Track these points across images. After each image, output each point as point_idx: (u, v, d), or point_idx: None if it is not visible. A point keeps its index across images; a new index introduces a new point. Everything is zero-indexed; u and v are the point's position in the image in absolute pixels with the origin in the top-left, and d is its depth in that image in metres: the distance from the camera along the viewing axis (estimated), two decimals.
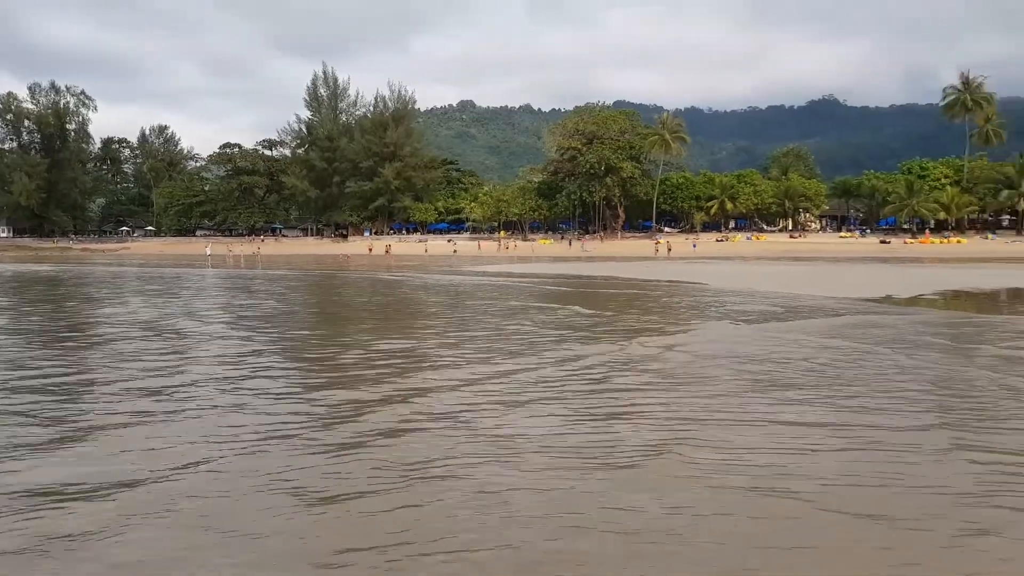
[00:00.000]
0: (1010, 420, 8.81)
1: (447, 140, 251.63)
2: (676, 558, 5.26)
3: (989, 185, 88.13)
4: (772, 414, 9.05)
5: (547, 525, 5.78)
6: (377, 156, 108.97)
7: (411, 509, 6.12)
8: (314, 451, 7.71)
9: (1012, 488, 6.47)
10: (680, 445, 7.80)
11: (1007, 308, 24.82)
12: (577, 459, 7.36)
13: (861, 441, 7.93)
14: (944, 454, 7.51)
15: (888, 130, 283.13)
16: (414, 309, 24.72)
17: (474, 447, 7.80)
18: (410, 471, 7.03)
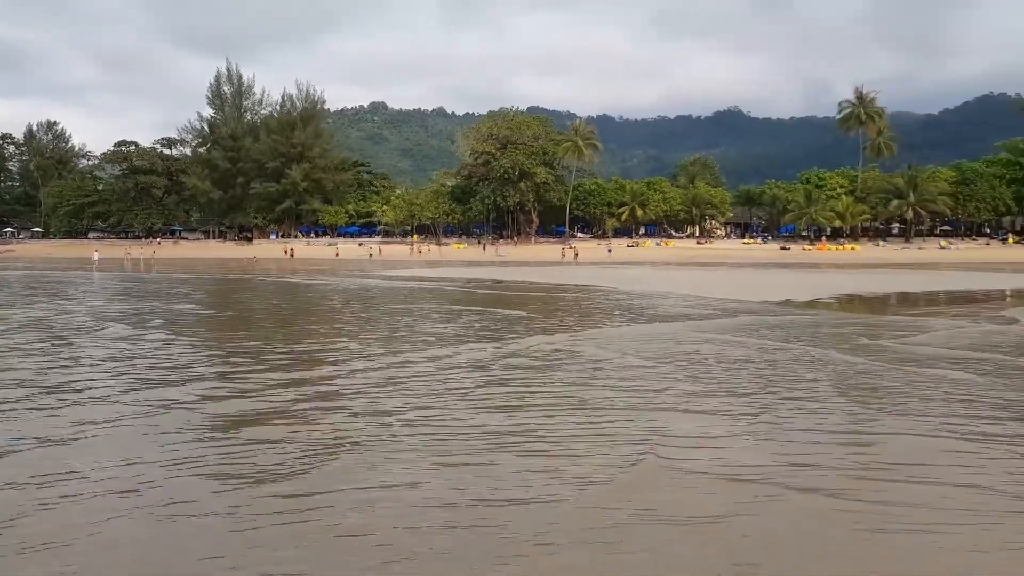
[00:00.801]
0: (899, 398, 10.18)
1: (358, 142, 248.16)
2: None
3: (881, 195, 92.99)
4: (680, 403, 9.42)
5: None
6: (284, 157, 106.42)
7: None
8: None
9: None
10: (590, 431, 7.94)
11: (894, 310, 26.18)
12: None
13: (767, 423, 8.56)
14: (836, 435, 8.01)
15: (788, 141, 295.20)
16: (317, 314, 24.23)
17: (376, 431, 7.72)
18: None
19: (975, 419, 9.02)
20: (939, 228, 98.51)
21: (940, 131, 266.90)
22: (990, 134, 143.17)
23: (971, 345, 15.29)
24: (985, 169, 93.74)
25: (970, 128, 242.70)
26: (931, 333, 17.47)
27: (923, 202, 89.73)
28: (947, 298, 30.19)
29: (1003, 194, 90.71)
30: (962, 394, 10.43)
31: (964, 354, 14.04)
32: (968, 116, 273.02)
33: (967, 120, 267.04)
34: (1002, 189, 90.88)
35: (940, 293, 32.32)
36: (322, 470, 7.10)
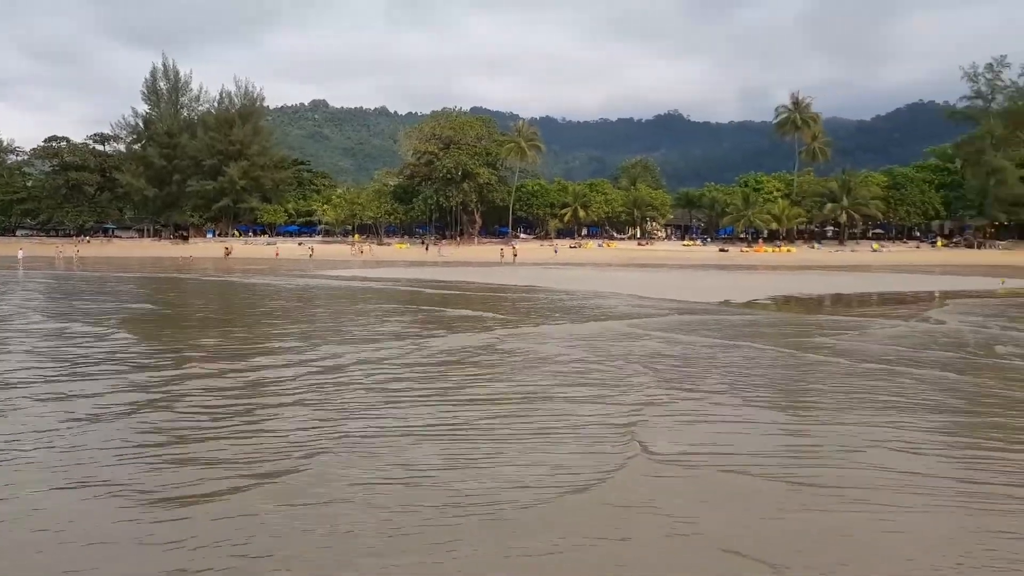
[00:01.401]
0: (830, 392, 10.70)
1: (299, 140, 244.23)
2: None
3: (815, 198, 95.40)
4: (617, 394, 9.24)
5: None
6: (222, 154, 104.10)
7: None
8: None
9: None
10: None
11: (828, 310, 26.68)
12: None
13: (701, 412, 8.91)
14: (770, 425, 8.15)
15: (727, 144, 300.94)
16: (251, 314, 23.52)
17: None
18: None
19: (903, 409, 9.53)
20: (871, 231, 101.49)
21: (873, 137, 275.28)
22: (920, 140, 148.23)
23: (899, 343, 15.62)
24: (915, 174, 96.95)
25: (901, 134, 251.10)
26: (862, 331, 17.83)
27: (856, 206, 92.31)
28: (878, 299, 30.93)
29: (932, 199, 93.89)
30: (891, 387, 10.95)
31: (894, 350, 14.30)
32: (899, 123, 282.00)
33: (898, 126, 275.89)
34: (931, 194, 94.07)
35: (872, 294, 33.09)
36: (267, 487, 6.70)
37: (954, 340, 16.68)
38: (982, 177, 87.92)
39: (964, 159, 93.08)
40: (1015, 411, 9.66)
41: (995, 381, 11.76)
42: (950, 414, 9.59)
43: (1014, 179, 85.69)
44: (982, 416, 9.50)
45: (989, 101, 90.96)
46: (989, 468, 7.28)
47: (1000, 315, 23.20)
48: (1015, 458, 7.64)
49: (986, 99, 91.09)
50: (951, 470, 7.27)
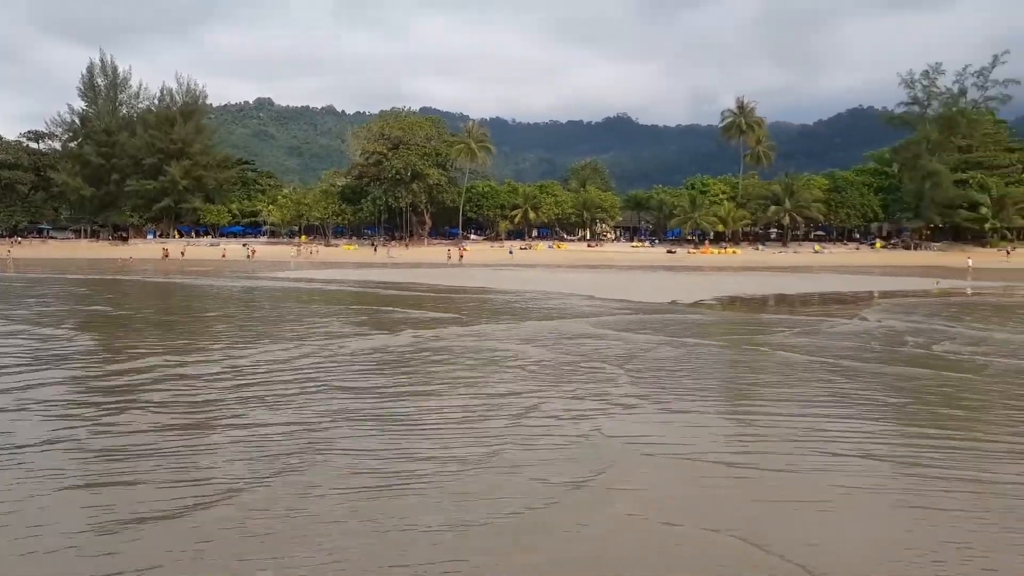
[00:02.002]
0: (773, 385, 10.88)
1: (243, 139, 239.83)
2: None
3: (760, 201, 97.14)
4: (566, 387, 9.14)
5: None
6: (163, 153, 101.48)
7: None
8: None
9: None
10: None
11: (771, 309, 27.12)
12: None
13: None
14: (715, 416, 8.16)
15: (674, 147, 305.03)
16: (186, 316, 22.92)
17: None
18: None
19: (843, 400, 10.03)
20: (813, 233, 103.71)
21: (815, 141, 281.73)
22: (860, 145, 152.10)
23: (839, 339, 15.93)
24: (855, 178, 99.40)
25: (842, 139, 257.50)
26: (803, 329, 18.14)
27: (799, 208, 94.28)
28: (820, 299, 31.56)
29: (871, 201, 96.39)
30: (830, 380, 11.44)
31: (833, 346, 14.56)
32: (840, 127, 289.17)
33: (839, 131, 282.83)
34: (870, 197, 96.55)
35: (814, 295, 33.77)
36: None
37: (890, 337, 17.08)
38: (918, 181, 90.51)
39: (901, 163, 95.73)
40: (950, 404, 9.90)
41: (930, 374, 12.06)
42: (891, 408, 9.78)
43: (948, 183, 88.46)
44: (918, 407, 9.72)
45: (925, 107, 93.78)
46: (921, 449, 8.01)
47: (936, 314, 23.84)
48: (946, 442, 8.17)
49: (922, 105, 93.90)
50: (887, 452, 7.94)
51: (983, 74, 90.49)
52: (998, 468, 7.45)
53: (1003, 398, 10.64)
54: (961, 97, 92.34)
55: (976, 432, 8.77)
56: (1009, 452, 8.00)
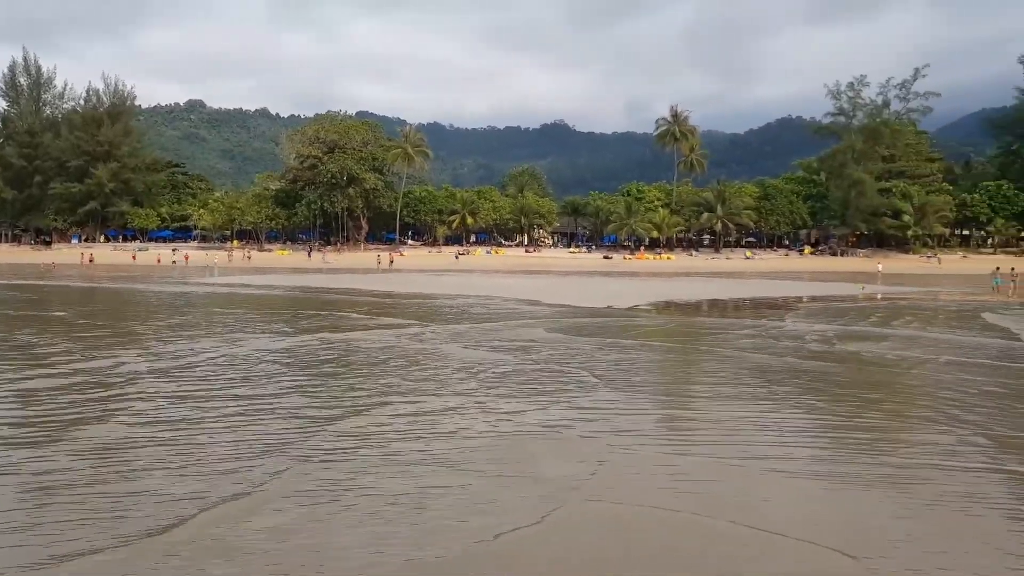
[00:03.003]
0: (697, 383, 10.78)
1: (173, 141, 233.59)
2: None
3: (693, 208, 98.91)
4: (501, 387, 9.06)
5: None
6: (89, 155, 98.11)
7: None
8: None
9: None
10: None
11: (702, 313, 27.58)
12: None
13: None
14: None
15: (611, 154, 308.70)
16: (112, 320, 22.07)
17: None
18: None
19: (769, 397, 10.00)
20: (745, 240, 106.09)
21: (745, 149, 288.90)
22: (789, 153, 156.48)
23: (766, 342, 16.28)
24: (784, 185, 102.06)
25: (772, 147, 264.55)
26: (732, 332, 18.45)
27: (730, 215, 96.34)
28: (750, 304, 32.22)
29: (800, 209, 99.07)
30: (757, 378, 11.56)
31: (761, 348, 14.86)
32: (770, 136, 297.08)
33: (769, 140, 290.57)
34: (799, 204, 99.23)
35: (745, 300, 34.48)
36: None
37: (816, 339, 17.50)
38: (844, 189, 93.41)
39: (828, 172, 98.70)
40: (866, 399, 10.15)
41: (851, 374, 12.39)
42: (808, 408, 9.96)
43: (872, 191, 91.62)
44: (838, 402, 9.94)
45: (851, 118, 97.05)
46: (831, 436, 8.62)
47: (863, 319, 24.56)
48: (856, 433, 8.17)
49: (848, 116, 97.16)
50: (802, 439, 8.53)
51: (905, 86, 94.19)
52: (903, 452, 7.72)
53: (917, 388, 11.00)
54: (885, 108, 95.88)
55: (896, 417, 9.05)
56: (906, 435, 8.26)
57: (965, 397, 11.03)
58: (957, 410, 10.10)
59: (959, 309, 29.24)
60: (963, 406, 10.39)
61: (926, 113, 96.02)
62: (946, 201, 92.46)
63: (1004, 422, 9.48)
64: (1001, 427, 9.23)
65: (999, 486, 7.01)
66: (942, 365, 14.44)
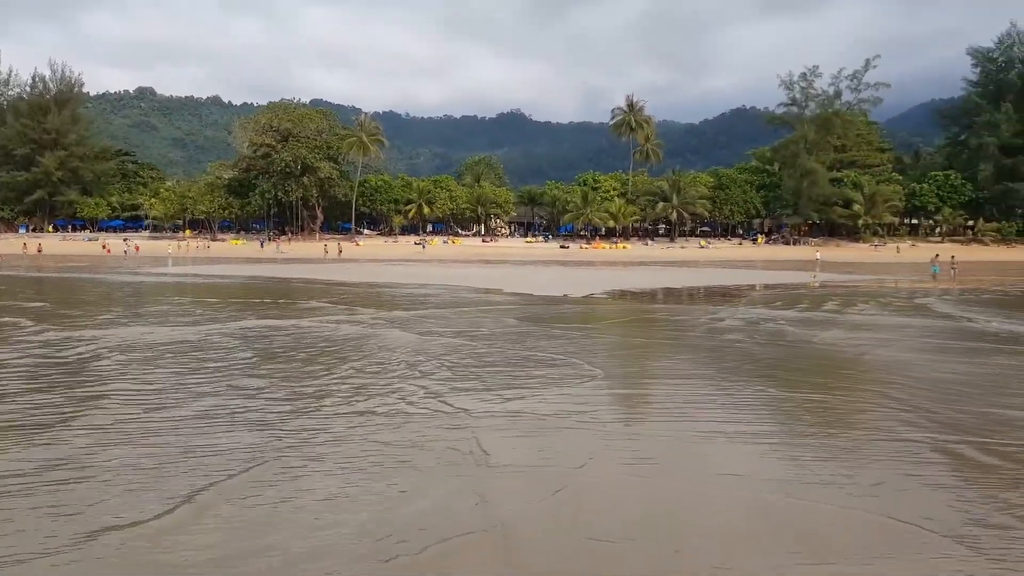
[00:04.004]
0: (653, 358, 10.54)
1: (123, 130, 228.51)
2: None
3: (649, 197, 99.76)
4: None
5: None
6: (35, 143, 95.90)
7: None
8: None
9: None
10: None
11: (657, 301, 27.83)
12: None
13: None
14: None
15: (567, 144, 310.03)
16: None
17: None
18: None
19: (724, 380, 10.07)
20: (700, 229, 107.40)
21: (700, 139, 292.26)
22: (743, 143, 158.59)
23: (721, 328, 16.51)
24: (738, 175, 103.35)
25: (726, 137, 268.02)
26: (687, 318, 18.68)
27: (685, 205, 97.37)
28: (704, 292, 32.62)
29: (753, 198, 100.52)
30: (712, 362, 11.63)
31: (716, 333, 15.05)
32: (724, 127, 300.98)
33: (723, 130, 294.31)
34: (752, 194, 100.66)
35: (699, 288, 34.87)
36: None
37: (768, 323, 17.78)
38: (797, 179, 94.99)
39: (781, 162, 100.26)
40: (814, 381, 10.34)
41: (807, 359, 12.62)
42: (757, 390, 10.10)
43: (824, 181, 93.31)
44: (788, 384, 10.10)
45: (803, 108, 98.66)
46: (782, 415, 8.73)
47: (817, 305, 25.00)
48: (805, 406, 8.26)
49: (800, 106, 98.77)
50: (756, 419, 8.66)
51: (856, 77, 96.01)
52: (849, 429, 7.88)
53: (860, 370, 11.24)
54: (836, 99, 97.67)
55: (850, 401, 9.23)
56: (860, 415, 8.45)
57: (906, 379, 11.28)
58: (899, 392, 10.31)
59: (904, 296, 29.93)
60: (903, 387, 10.62)
61: (876, 104, 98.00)
62: (895, 191, 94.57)
63: (941, 401, 9.69)
64: (939, 406, 9.44)
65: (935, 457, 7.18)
66: (884, 347, 14.76)
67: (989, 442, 7.84)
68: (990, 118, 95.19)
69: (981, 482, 6.65)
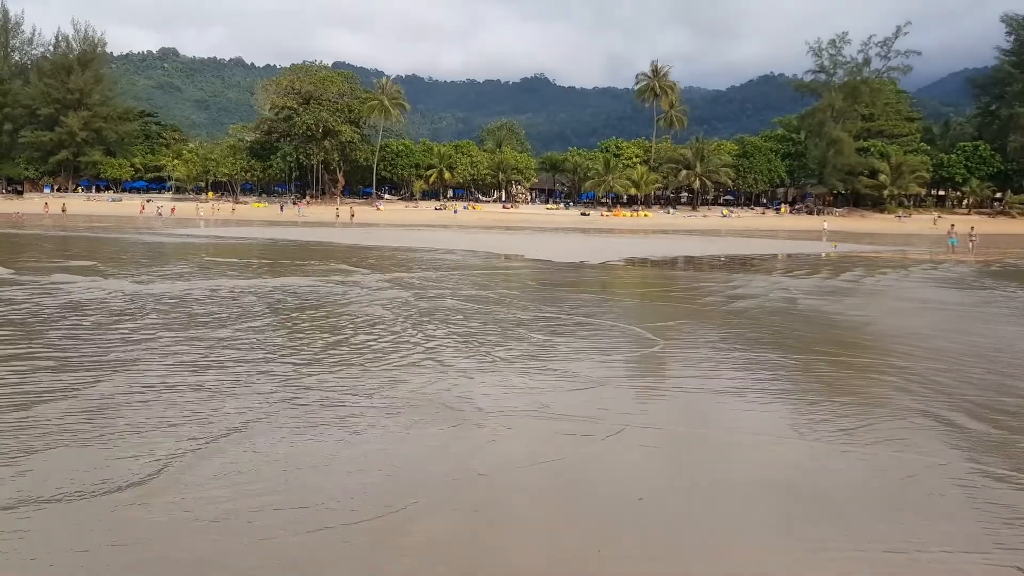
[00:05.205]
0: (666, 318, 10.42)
1: (147, 91, 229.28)
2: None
3: (671, 165, 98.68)
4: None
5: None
6: (59, 103, 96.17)
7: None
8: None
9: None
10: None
11: (673, 269, 27.84)
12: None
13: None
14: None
15: (590, 109, 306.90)
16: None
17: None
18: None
19: (737, 348, 10.13)
20: (723, 198, 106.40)
21: (728, 107, 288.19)
22: (770, 111, 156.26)
23: (737, 299, 16.53)
24: (763, 143, 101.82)
25: (753, 105, 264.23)
26: (697, 289, 18.70)
27: (708, 173, 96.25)
28: (724, 261, 32.51)
29: (778, 167, 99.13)
30: (728, 332, 11.67)
31: (731, 303, 15.09)
32: (751, 94, 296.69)
33: (750, 97, 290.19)
34: (777, 162, 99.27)
35: (720, 257, 34.74)
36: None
37: (786, 296, 17.78)
38: (822, 147, 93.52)
39: (808, 130, 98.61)
40: (823, 349, 10.40)
41: (818, 330, 12.65)
42: (766, 358, 10.18)
43: (850, 150, 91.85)
44: (796, 351, 10.17)
45: (831, 75, 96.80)
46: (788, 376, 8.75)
47: (833, 275, 24.90)
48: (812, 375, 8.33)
49: (828, 73, 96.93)
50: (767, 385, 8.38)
51: (886, 44, 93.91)
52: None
53: (870, 339, 11.28)
54: (865, 67, 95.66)
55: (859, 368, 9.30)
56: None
57: (914, 349, 11.30)
58: (903, 361, 10.35)
59: (925, 267, 29.65)
60: (910, 357, 10.65)
61: (906, 72, 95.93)
62: (923, 161, 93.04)
63: (947, 373, 9.73)
64: (944, 377, 9.48)
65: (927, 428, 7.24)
66: (894, 317, 14.73)
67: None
68: (1022, 88, 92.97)
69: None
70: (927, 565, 4.54)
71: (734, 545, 4.78)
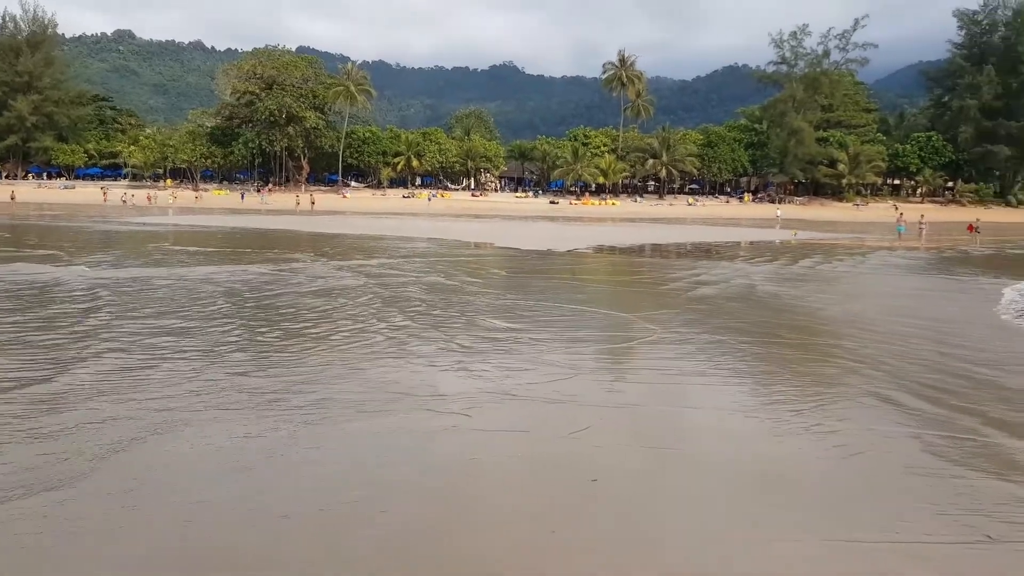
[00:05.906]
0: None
1: (101, 74, 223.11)
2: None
3: (638, 154, 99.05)
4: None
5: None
6: (7, 86, 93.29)
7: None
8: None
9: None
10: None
11: (637, 256, 28.11)
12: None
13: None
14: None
15: (558, 98, 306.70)
16: None
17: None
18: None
19: (692, 328, 10.26)
20: (688, 187, 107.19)
21: (693, 97, 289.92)
22: (735, 101, 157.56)
23: (698, 283, 16.76)
24: (727, 133, 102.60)
25: (718, 95, 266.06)
26: (663, 272, 18.91)
27: (674, 162, 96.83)
28: (689, 248, 32.91)
29: (741, 157, 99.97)
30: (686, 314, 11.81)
31: (693, 288, 15.31)
32: (716, 84, 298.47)
33: (715, 88, 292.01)
34: (740, 152, 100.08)
35: (686, 244, 35.15)
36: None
37: (747, 283, 18.06)
38: (784, 137, 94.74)
39: (770, 120, 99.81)
40: (780, 334, 10.62)
41: (776, 315, 12.90)
42: (727, 343, 10.37)
43: (810, 140, 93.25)
44: (754, 336, 10.38)
45: (793, 67, 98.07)
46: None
47: (791, 261, 25.34)
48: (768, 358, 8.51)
49: (790, 65, 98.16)
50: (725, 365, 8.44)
51: (844, 37, 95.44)
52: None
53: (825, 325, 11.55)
54: (824, 58, 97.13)
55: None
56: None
57: (864, 332, 11.57)
58: (854, 343, 10.62)
59: (881, 254, 30.28)
60: (861, 340, 10.93)
61: (863, 64, 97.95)
62: (879, 151, 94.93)
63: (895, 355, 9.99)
64: (892, 359, 9.74)
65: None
66: (849, 302, 15.06)
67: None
68: (972, 80, 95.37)
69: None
70: (878, 536, 4.70)
71: (683, 522, 4.91)
